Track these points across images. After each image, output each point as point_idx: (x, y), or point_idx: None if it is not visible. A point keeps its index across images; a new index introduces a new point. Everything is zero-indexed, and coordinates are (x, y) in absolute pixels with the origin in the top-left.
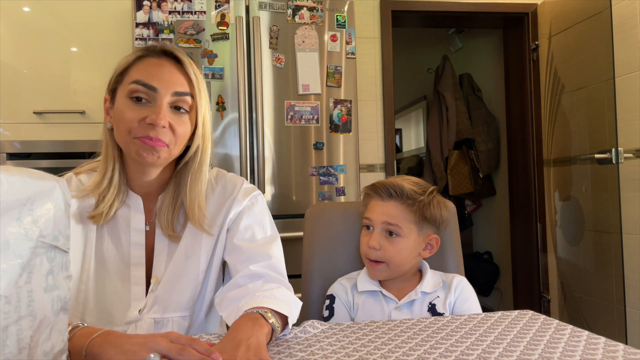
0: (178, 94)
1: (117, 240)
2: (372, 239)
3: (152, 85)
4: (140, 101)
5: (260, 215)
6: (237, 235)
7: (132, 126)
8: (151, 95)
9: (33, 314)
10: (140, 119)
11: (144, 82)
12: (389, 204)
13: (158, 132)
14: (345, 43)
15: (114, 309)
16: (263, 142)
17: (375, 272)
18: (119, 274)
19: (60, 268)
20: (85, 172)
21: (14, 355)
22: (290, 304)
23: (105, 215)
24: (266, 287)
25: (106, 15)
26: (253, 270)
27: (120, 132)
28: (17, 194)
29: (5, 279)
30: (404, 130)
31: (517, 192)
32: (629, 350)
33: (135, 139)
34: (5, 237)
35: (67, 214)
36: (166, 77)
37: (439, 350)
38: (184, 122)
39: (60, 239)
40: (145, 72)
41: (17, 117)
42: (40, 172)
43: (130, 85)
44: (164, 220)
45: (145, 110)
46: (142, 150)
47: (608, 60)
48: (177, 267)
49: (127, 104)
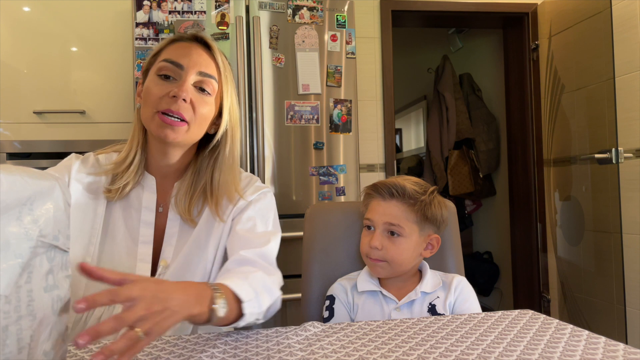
0: (203, 74)
1: (128, 218)
2: (374, 239)
3: (178, 62)
4: (167, 79)
5: (265, 210)
6: (239, 224)
7: (156, 100)
8: (177, 72)
9: (33, 314)
10: (165, 93)
11: (172, 60)
12: (390, 204)
13: (179, 105)
14: (345, 43)
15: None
16: (263, 142)
17: (377, 269)
18: (126, 250)
19: (60, 267)
20: (106, 154)
21: (14, 355)
22: (258, 290)
23: (120, 192)
24: (245, 269)
25: (106, 15)
26: (243, 255)
27: (145, 109)
28: (17, 193)
29: (5, 278)
30: (404, 130)
31: (517, 192)
32: (629, 350)
33: (156, 114)
34: (6, 236)
35: (67, 213)
36: (194, 57)
37: (439, 350)
38: (206, 103)
39: (60, 238)
40: (174, 52)
41: (17, 117)
42: (39, 172)
43: (160, 63)
44: (181, 205)
45: (171, 86)
46: (161, 127)
47: (608, 60)
48: (189, 255)
49: (155, 81)
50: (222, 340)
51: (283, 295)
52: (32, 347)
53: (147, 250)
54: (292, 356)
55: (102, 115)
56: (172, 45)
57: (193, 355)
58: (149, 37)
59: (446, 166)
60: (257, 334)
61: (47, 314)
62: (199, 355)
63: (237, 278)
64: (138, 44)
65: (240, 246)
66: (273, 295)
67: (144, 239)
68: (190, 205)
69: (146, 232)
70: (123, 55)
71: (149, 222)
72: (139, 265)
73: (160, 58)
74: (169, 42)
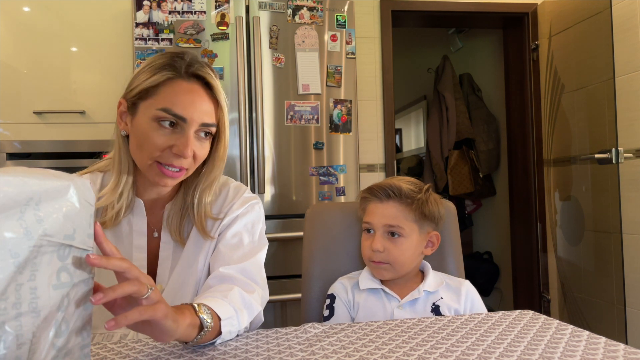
0: (205, 125)
1: (119, 243)
2: (375, 242)
3: (182, 116)
4: (166, 126)
5: (251, 224)
6: (223, 240)
7: (155, 150)
8: (179, 123)
9: (37, 311)
10: (167, 146)
11: (174, 113)
12: (388, 205)
13: (182, 161)
14: (345, 43)
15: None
16: (263, 142)
17: (381, 272)
18: None
19: (80, 265)
20: (90, 174)
21: (12, 351)
22: (237, 307)
23: (113, 220)
24: (223, 287)
25: (106, 15)
26: (222, 272)
27: (140, 151)
28: (15, 195)
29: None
30: (404, 130)
31: (517, 192)
32: (629, 350)
33: (155, 164)
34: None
35: (86, 212)
36: (197, 107)
37: (440, 350)
38: (204, 147)
39: (76, 237)
40: (175, 101)
41: (17, 117)
42: (53, 172)
43: (159, 111)
44: (173, 225)
45: (172, 138)
46: (160, 176)
47: (608, 60)
48: (180, 275)
49: (153, 127)
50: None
51: (283, 295)
52: (34, 344)
53: None
54: (292, 357)
55: (102, 115)
56: (170, 86)
57: (193, 357)
58: (149, 37)
59: (446, 166)
60: (257, 334)
61: (52, 311)
62: (199, 357)
63: (217, 297)
64: (138, 44)
65: (221, 263)
66: (253, 312)
67: (137, 264)
68: (181, 225)
69: (139, 256)
70: (123, 55)
71: (141, 247)
72: None
73: (158, 102)
74: (166, 80)
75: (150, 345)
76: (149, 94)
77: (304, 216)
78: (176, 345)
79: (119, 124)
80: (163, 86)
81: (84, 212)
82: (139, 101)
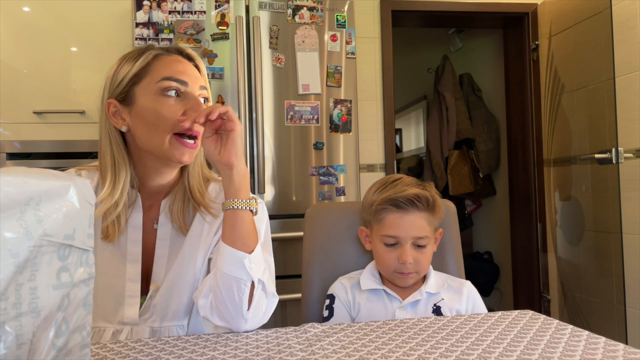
0: (202, 88)
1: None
2: (406, 255)
3: (183, 80)
4: (172, 95)
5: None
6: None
7: (172, 122)
8: (183, 89)
9: (37, 311)
10: (180, 113)
11: (176, 78)
12: (414, 216)
13: (196, 125)
14: (345, 43)
15: (106, 304)
16: (263, 142)
17: (407, 281)
18: (114, 270)
19: (80, 265)
20: (87, 170)
21: (12, 351)
22: (265, 267)
23: (117, 227)
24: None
25: (106, 15)
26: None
27: (155, 131)
28: (15, 195)
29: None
30: (404, 130)
31: (517, 192)
32: (629, 350)
33: (172, 137)
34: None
35: (86, 212)
36: (190, 73)
37: (440, 350)
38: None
39: (76, 237)
40: (171, 69)
41: (17, 117)
42: (54, 172)
43: (162, 82)
44: (175, 212)
45: (182, 104)
46: (179, 150)
47: (608, 60)
48: (176, 272)
49: (161, 100)
50: (223, 341)
51: (283, 295)
52: (35, 343)
53: (135, 270)
54: (292, 357)
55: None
56: (160, 61)
57: (193, 357)
58: (149, 37)
59: (446, 166)
60: (257, 334)
61: (52, 311)
62: (199, 357)
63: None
64: (138, 44)
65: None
66: (270, 289)
67: (132, 258)
68: (184, 212)
69: (134, 250)
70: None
71: (136, 240)
72: (128, 285)
73: (156, 76)
74: (153, 57)
75: (150, 345)
76: (142, 75)
77: (304, 216)
78: (176, 345)
79: (115, 123)
80: (153, 63)
81: (84, 212)
82: (132, 88)
